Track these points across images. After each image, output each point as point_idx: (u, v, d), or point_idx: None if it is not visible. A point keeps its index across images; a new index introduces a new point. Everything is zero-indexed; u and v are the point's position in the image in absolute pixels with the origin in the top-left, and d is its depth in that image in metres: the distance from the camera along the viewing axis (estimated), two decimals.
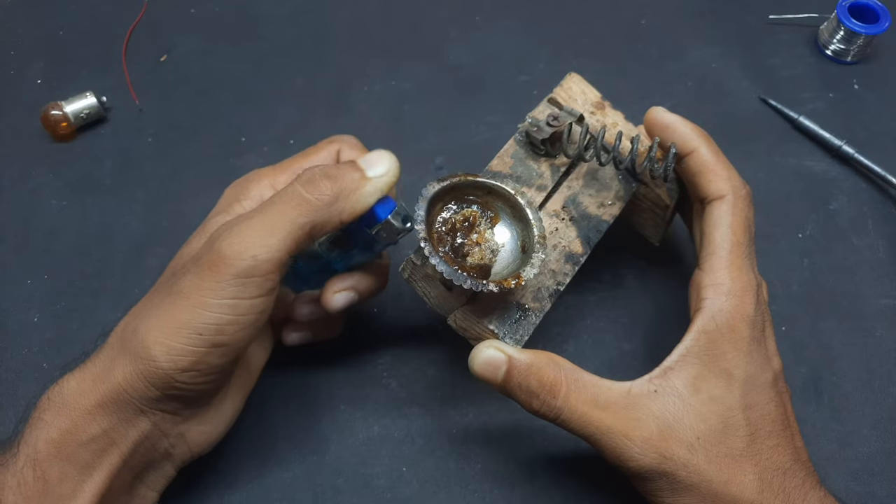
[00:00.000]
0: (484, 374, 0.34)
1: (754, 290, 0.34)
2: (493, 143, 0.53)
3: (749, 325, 0.33)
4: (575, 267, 0.38)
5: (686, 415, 0.32)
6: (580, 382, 0.33)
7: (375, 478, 0.40)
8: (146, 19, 0.60)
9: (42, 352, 0.45)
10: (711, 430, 0.32)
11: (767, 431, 0.32)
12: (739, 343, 0.33)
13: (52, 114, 0.52)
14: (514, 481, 0.40)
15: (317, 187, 0.33)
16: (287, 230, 0.32)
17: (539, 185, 0.40)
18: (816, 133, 0.52)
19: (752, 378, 0.33)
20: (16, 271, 0.48)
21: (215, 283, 0.31)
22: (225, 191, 0.40)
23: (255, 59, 0.58)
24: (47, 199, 0.51)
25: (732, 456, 0.32)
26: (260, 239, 0.31)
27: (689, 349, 0.33)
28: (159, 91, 0.56)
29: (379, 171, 0.34)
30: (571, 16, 0.60)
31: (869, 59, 0.57)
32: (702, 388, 0.33)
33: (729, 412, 0.32)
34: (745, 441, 0.32)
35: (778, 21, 0.59)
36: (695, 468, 0.31)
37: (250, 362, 0.39)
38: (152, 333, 0.31)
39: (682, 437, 0.32)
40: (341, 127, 0.54)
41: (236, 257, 0.31)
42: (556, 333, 0.45)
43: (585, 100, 0.44)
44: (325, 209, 0.33)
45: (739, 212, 0.35)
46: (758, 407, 0.32)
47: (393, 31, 0.59)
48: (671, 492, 0.32)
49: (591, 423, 0.32)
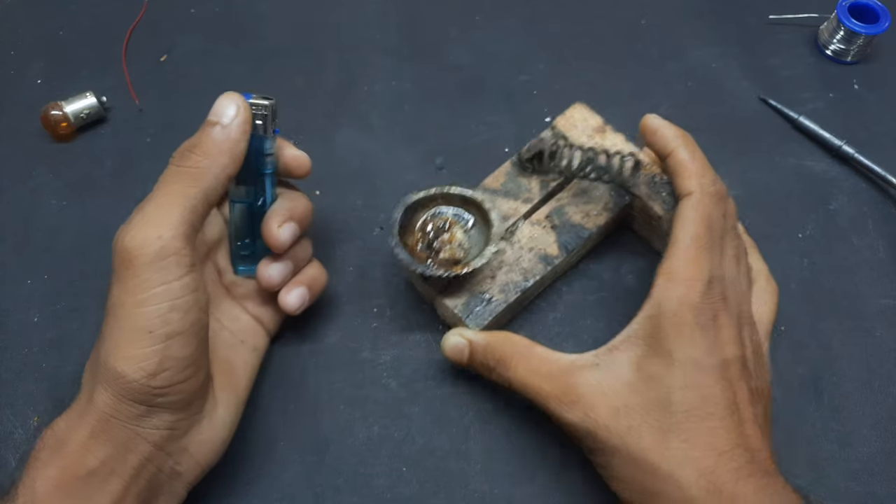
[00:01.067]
0: (452, 357, 0.40)
1: (703, 281, 0.34)
2: (492, 143, 0.53)
3: (693, 312, 0.34)
4: (547, 267, 0.43)
5: (620, 387, 0.34)
6: (530, 355, 0.37)
7: (375, 478, 0.40)
8: (146, 19, 0.60)
9: (42, 352, 0.45)
10: (642, 404, 0.33)
11: (707, 413, 0.32)
12: (682, 328, 0.34)
13: (52, 114, 0.52)
14: (515, 481, 0.40)
15: (189, 159, 0.34)
16: (181, 205, 0.33)
17: (525, 197, 0.45)
18: (816, 133, 0.52)
19: (693, 361, 0.33)
20: (16, 271, 0.48)
21: (137, 278, 0.31)
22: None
23: (256, 59, 0.58)
24: (47, 199, 0.51)
25: (660, 429, 0.32)
26: (159, 221, 0.32)
27: (634, 332, 0.35)
28: (159, 91, 0.56)
29: (230, 113, 0.35)
30: (571, 16, 0.60)
31: (869, 59, 0.57)
32: (642, 366, 0.34)
33: (665, 390, 0.33)
34: (677, 418, 0.32)
35: (778, 21, 0.59)
36: (615, 431, 0.33)
37: (233, 363, 0.39)
38: (111, 354, 0.31)
39: (609, 403, 0.34)
40: (342, 127, 0.54)
41: (144, 245, 0.31)
42: (555, 333, 0.45)
43: (586, 125, 0.46)
44: (207, 173, 0.34)
45: (703, 208, 0.36)
46: (699, 389, 0.33)
47: (393, 31, 0.59)
48: (599, 452, 0.34)
49: (533, 389, 0.36)
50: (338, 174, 0.51)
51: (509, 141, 0.53)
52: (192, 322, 0.32)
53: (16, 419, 0.43)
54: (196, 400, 0.34)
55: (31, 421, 0.43)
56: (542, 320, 0.45)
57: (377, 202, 0.50)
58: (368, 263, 0.47)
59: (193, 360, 0.33)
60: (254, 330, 0.41)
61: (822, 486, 0.40)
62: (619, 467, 0.34)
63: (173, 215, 0.32)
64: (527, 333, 0.44)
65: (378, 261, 0.47)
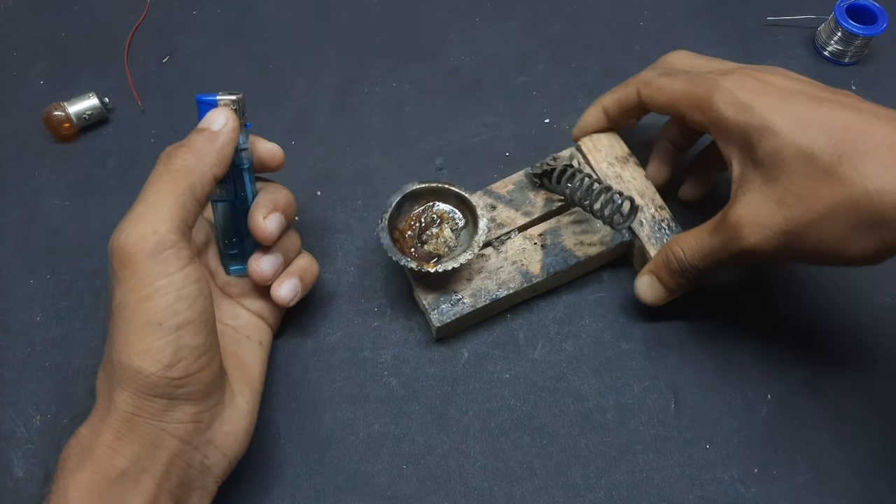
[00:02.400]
0: (652, 294, 0.42)
1: (715, 78, 0.38)
2: (492, 143, 0.53)
3: (742, 90, 0.36)
4: (524, 283, 0.43)
5: (763, 185, 0.35)
6: (689, 238, 0.39)
7: (376, 476, 0.41)
8: (148, 21, 0.60)
9: (45, 351, 0.45)
10: (790, 176, 0.34)
11: (839, 128, 0.33)
12: (748, 106, 0.36)
13: (55, 114, 0.52)
14: (515, 479, 0.40)
15: (176, 158, 0.34)
16: (171, 201, 0.33)
17: (526, 210, 0.45)
18: None
19: (781, 112, 0.34)
20: (18, 271, 0.48)
21: (139, 274, 0.31)
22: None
23: (257, 60, 0.58)
24: (49, 200, 0.51)
25: (824, 173, 0.32)
26: (152, 217, 0.32)
27: (733, 159, 0.37)
28: (162, 92, 0.56)
29: (220, 121, 0.36)
30: (571, 16, 0.60)
31: (866, 61, 0.57)
32: (760, 160, 0.35)
33: (792, 148, 0.34)
34: (825, 153, 0.33)
35: (776, 22, 0.59)
36: (791, 214, 0.34)
37: (243, 358, 0.39)
38: (125, 352, 0.31)
39: (768, 202, 0.35)
40: (342, 127, 0.54)
41: (140, 241, 0.32)
42: (555, 333, 0.45)
43: (610, 152, 0.46)
44: (194, 171, 0.34)
45: (651, 82, 0.42)
46: (810, 121, 0.33)
47: (393, 32, 0.59)
48: (795, 242, 0.34)
49: (711, 254, 0.38)
50: (338, 174, 0.52)
51: (509, 142, 0.53)
52: (199, 311, 0.33)
53: (18, 418, 0.43)
54: (214, 390, 0.34)
55: (34, 420, 0.43)
56: (542, 320, 0.45)
57: (377, 202, 0.50)
58: (369, 263, 0.48)
59: (206, 349, 0.33)
60: (256, 325, 0.42)
61: (822, 485, 0.40)
62: (820, 235, 0.33)
63: (165, 211, 0.32)
64: (526, 333, 0.45)
65: (379, 261, 0.48)
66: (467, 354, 0.44)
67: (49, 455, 0.42)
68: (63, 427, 0.42)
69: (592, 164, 0.45)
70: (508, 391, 0.43)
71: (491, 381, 0.43)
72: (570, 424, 0.42)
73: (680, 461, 0.41)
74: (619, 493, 0.40)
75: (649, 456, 0.41)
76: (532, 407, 0.43)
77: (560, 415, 0.42)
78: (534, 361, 0.44)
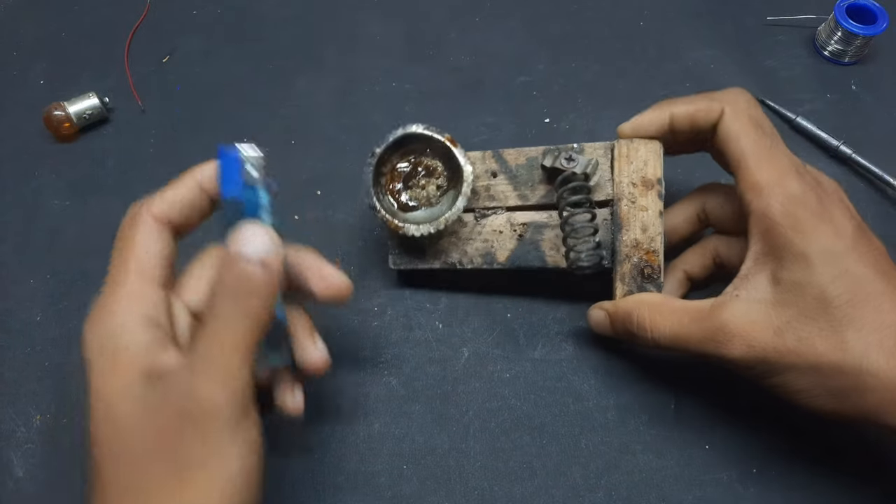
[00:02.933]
0: (598, 328, 0.41)
1: (792, 170, 0.34)
2: (492, 143, 0.53)
3: (802, 206, 0.33)
4: (484, 265, 0.42)
5: (770, 307, 0.33)
6: (667, 312, 0.37)
7: (376, 476, 0.41)
8: (148, 20, 0.60)
9: (45, 351, 0.45)
10: (800, 313, 0.33)
11: (865, 294, 0.32)
12: (801, 225, 0.33)
13: (55, 114, 0.52)
14: (515, 479, 0.41)
15: (249, 302, 0.29)
16: (246, 358, 0.29)
17: (523, 193, 0.42)
18: (814, 134, 0.52)
19: (828, 251, 0.33)
20: (18, 271, 0.48)
21: (221, 438, 0.28)
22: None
23: (257, 60, 0.58)
24: (49, 200, 0.51)
25: (831, 329, 0.32)
26: (228, 373, 0.28)
27: (756, 254, 0.35)
28: (161, 92, 0.56)
29: (257, 248, 0.30)
30: (571, 16, 0.60)
31: (867, 60, 0.57)
32: (781, 279, 0.33)
33: (817, 290, 0.32)
34: (842, 311, 0.32)
35: (776, 22, 0.59)
36: (785, 349, 0.33)
37: None
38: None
39: (767, 325, 0.33)
40: (342, 127, 0.54)
41: (225, 405, 0.28)
42: (555, 333, 0.45)
43: (640, 170, 0.39)
44: (262, 318, 0.30)
45: (741, 114, 0.36)
46: (847, 274, 0.32)
47: (393, 32, 0.59)
48: (772, 374, 0.34)
49: (682, 341, 0.36)
50: (338, 174, 0.52)
51: (509, 141, 0.53)
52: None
53: (18, 418, 0.43)
54: None
55: (34, 420, 0.43)
56: (542, 320, 0.45)
57: None
58: (370, 263, 0.48)
59: None
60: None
61: (823, 484, 0.40)
62: (799, 380, 0.33)
63: (243, 368, 0.29)
64: (526, 333, 0.45)
65: (379, 260, 0.48)
66: (467, 354, 0.44)
67: (49, 455, 0.42)
68: (63, 427, 0.43)
69: (615, 173, 0.39)
70: (508, 391, 0.43)
71: (491, 381, 0.43)
72: (570, 424, 0.42)
73: (679, 461, 0.41)
74: (618, 493, 0.40)
75: (649, 456, 0.41)
76: (532, 407, 0.43)
77: (560, 415, 0.42)
78: (534, 361, 0.44)
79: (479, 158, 0.43)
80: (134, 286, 0.30)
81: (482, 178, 0.42)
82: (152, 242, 0.31)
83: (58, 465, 0.41)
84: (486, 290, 0.46)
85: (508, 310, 0.46)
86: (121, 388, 0.28)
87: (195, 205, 0.32)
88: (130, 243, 0.31)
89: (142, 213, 0.32)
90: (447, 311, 0.46)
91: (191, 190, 0.32)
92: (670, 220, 0.42)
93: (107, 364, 0.29)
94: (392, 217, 0.40)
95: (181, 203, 0.32)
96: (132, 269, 0.31)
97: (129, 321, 0.29)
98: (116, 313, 0.30)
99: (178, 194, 0.32)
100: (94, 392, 0.29)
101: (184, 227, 0.33)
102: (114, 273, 0.31)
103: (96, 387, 0.29)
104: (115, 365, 0.29)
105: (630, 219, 0.39)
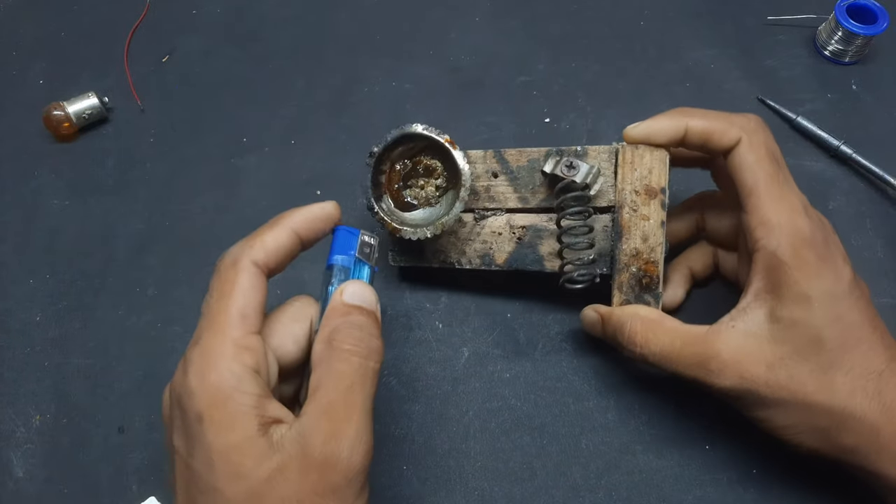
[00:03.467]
0: (590, 329, 0.41)
1: (801, 209, 0.34)
2: (492, 143, 0.53)
3: (809, 247, 0.33)
4: (483, 266, 0.42)
5: (765, 342, 0.34)
6: (661, 331, 0.36)
7: (376, 476, 0.41)
8: (148, 20, 0.60)
9: (44, 351, 0.45)
10: (794, 350, 0.33)
11: (857, 339, 0.33)
12: (806, 267, 0.33)
13: (55, 114, 0.52)
14: (514, 479, 0.40)
15: (374, 353, 0.30)
16: (367, 410, 0.29)
17: (523, 195, 0.41)
18: (814, 133, 0.52)
19: (829, 294, 0.33)
20: (18, 271, 0.48)
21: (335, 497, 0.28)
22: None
23: (257, 59, 0.58)
24: (49, 199, 0.51)
25: (821, 370, 0.33)
26: (364, 435, 0.29)
27: (757, 290, 0.35)
28: (161, 92, 0.56)
29: (364, 299, 0.32)
30: (571, 16, 0.60)
31: (867, 60, 0.57)
32: (779, 316, 0.34)
33: (813, 331, 0.33)
34: (834, 353, 0.33)
35: (776, 22, 0.59)
36: (776, 384, 0.33)
37: None
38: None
39: (761, 359, 0.34)
40: (342, 127, 0.54)
41: (361, 470, 0.28)
42: (555, 333, 0.45)
43: (645, 178, 0.38)
44: (373, 362, 0.31)
45: (759, 147, 0.35)
46: (842, 319, 0.33)
47: (393, 31, 0.59)
48: (760, 406, 0.34)
49: (671, 363, 0.36)
50: (338, 174, 0.52)
51: (509, 141, 0.53)
52: None
53: (18, 418, 0.43)
54: None
55: (34, 420, 0.43)
56: (542, 320, 0.45)
57: None
58: None
59: None
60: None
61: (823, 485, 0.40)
62: (785, 416, 0.34)
63: (365, 426, 0.29)
64: (526, 334, 0.45)
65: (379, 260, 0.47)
66: (467, 354, 0.44)
67: (49, 455, 0.42)
68: (63, 427, 0.42)
69: (618, 179, 0.38)
70: (508, 391, 0.43)
71: (491, 381, 0.43)
72: (570, 424, 0.42)
73: (679, 461, 0.41)
74: (618, 493, 0.40)
75: (649, 456, 0.41)
76: (532, 407, 0.43)
77: (560, 415, 0.42)
78: (534, 361, 0.44)
79: (480, 158, 0.42)
80: (238, 333, 0.29)
81: (482, 178, 0.42)
82: (254, 290, 0.30)
83: (58, 465, 0.41)
84: (486, 290, 0.46)
85: (508, 310, 0.46)
86: (240, 442, 0.27)
87: (290, 252, 0.32)
88: (232, 288, 0.30)
89: (243, 259, 0.30)
90: (447, 311, 0.46)
91: (289, 238, 0.32)
92: (670, 225, 0.42)
93: (223, 417, 0.27)
94: (390, 219, 0.40)
95: (280, 250, 0.32)
96: (234, 315, 0.29)
97: (240, 371, 0.28)
98: (226, 363, 0.28)
99: (279, 242, 0.32)
100: (208, 446, 0.27)
101: (275, 271, 0.32)
102: (214, 318, 0.29)
103: (210, 440, 0.27)
104: (231, 418, 0.27)
105: (631, 227, 0.38)
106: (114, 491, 0.41)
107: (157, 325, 0.46)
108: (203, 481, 0.27)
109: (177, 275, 0.48)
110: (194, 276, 0.48)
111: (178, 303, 0.47)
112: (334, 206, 0.34)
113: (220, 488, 0.27)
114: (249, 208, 0.50)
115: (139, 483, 0.41)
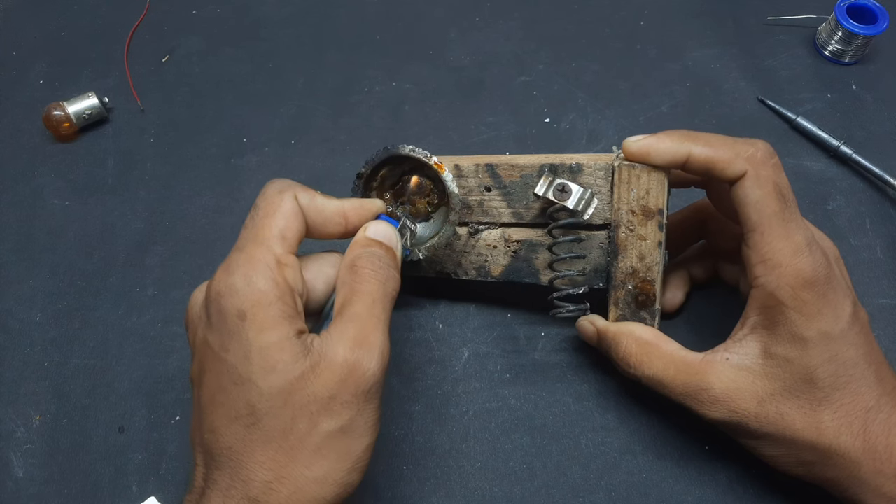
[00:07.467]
0: (585, 337, 0.41)
1: (805, 248, 0.33)
2: (492, 143, 0.53)
3: (810, 288, 0.33)
4: (478, 278, 0.42)
5: (758, 377, 0.34)
6: (656, 354, 0.37)
7: (376, 476, 0.41)
8: (148, 20, 0.60)
9: (44, 351, 0.45)
10: (785, 388, 0.33)
11: (849, 377, 0.33)
12: (806, 307, 0.33)
13: (55, 114, 0.52)
14: (515, 479, 0.40)
15: (390, 279, 0.33)
16: (387, 326, 0.32)
17: (517, 211, 0.41)
18: (814, 133, 0.52)
19: (825, 334, 0.33)
20: (18, 271, 0.48)
21: (370, 407, 0.31)
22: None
23: (257, 59, 0.58)
24: (49, 199, 0.51)
25: (811, 408, 0.33)
26: (382, 347, 0.31)
27: (753, 324, 0.35)
28: (161, 92, 0.56)
29: (386, 236, 0.35)
30: (571, 16, 0.60)
31: (867, 60, 0.57)
32: (774, 353, 0.34)
33: (806, 370, 0.33)
34: (825, 392, 0.33)
35: (776, 22, 0.59)
36: (765, 419, 0.34)
37: None
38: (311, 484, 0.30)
39: (752, 394, 0.34)
40: (342, 127, 0.54)
41: (380, 379, 0.31)
42: (555, 333, 0.45)
43: (639, 197, 0.37)
44: (391, 287, 0.33)
45: (765, 182, 0.34)
46: (836, 359, 0.33)
47: (393, 32, 0.59)
48: (748, 436, 0.35)
49: (664, 388, 0.36)
50: (338, 174, 0.52)
51: (509, 141, 0.53)
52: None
53: (18, 418, 0.43)
54: None
55: (34, 420, 0.43)
56: (542, 320, 0.45)
57: None
58: None
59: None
60: None
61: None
62: (773, 448, 0.34)
63: (381, 338, 0.31)
64: (526, 334, 0.45)
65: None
66: (467, 354, 0.44)
67: (49, 455, 0.42)
68: (62, 427, 0.42)
69: (614, 198, 0.37)
70: (508, 391, 0.43)
71: (491, 381, 0.43)
72: (570, 424, 0.42)
73: (679, 461, 0.41)
74: (618, 493, 0.40)
75: (649, 456, 0.41)
76: (532, 407, 0.43)
77: (560, 415, 0.42)
78: (534, 361, 0.44)
79: (472, 172, 0.41)
80: (280, 251, 0.31)
81: (475, 192, 0.41)
82: (295, 218, 0.32)
83: (58, 465, 0.41)
84: (486, 291, 0.46)
85: (508, 310, 0.46)
86: (279, 341, 0.29)
87: (331, 222, 0.35)
88: (276, 210, 0.32)
89: (291, 191, 0.33)
90: (447, 311, 0.46)
91: (336, 212, 0.35)
92: (670, 230, 0.41)
93: (266, 318, 0.29)
94: None
95: (323, 212, 0.34)
96: (276, 234, 0.31)
97: (282, 283, 0.30)
98: (270, 273, 0.30)
99: (325, 204, 0.34)
100: (247, 341, 0.29)
101: (307, 229, 0.34)
102: (259, 232, 0.31)
103: (251, 337, 0.29)
104: (273, 320, 0.29)
105: (627, 246, 0.38)
106: (114, 491, 0.41)
107: (157, 325, 0.46)
108: (236, 373, 0.29)
109: (177, 275, 0.48)
110: (194, 276, 0.48)
111: (178, 303, 0.47)
112: (382, 204, 0.38)
113: (255, 380, 0.29)
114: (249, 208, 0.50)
115: (139, 483, 0.41)
